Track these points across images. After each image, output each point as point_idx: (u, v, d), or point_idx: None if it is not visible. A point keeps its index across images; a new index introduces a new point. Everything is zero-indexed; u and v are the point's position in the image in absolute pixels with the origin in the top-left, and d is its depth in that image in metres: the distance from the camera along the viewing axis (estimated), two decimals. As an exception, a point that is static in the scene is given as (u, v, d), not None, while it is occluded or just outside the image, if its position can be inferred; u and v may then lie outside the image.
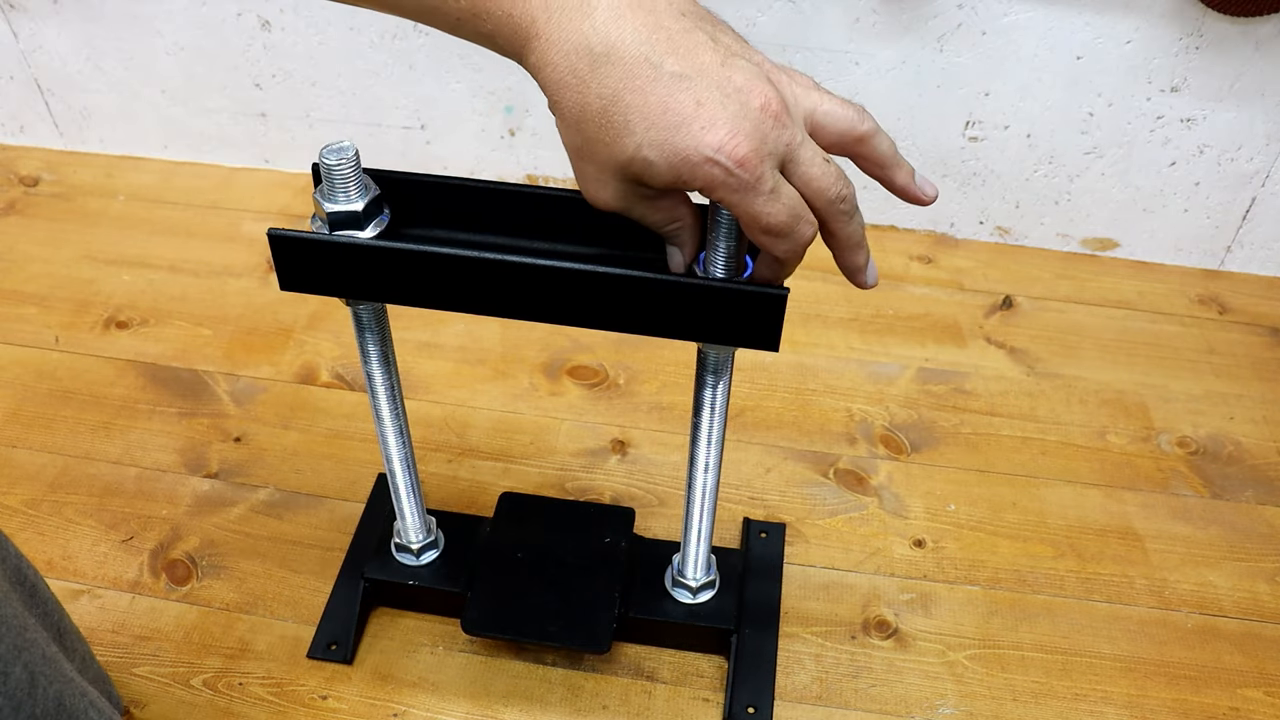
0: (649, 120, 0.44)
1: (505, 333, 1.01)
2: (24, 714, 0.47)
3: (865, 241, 0.52)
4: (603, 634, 0.71)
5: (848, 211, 0.49)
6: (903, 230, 1.14)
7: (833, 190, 0.48)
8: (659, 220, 0.51)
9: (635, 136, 0.45)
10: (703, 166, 0.45)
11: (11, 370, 0.97)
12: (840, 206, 0.49)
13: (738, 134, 0.44)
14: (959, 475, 0.89)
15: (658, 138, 0.44)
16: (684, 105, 0.44)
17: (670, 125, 0.44)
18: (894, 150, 0.52)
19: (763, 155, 0.45)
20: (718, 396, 0.62)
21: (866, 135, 0.50)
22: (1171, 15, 0.94)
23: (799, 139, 0.47)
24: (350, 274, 0.56)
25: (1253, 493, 0.88)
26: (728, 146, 0.44)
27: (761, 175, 0.45)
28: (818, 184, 0.48)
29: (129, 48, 1.13)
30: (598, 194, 0.49)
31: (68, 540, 0.83)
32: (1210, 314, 1.06)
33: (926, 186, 0.53)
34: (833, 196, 0.48)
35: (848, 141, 0.50)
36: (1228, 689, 0.75)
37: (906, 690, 0.74)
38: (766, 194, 0.46)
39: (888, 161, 0.52)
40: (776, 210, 0.46)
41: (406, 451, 0.70)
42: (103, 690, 0.63)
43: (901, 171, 0.52)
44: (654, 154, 0.45)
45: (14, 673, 0.47)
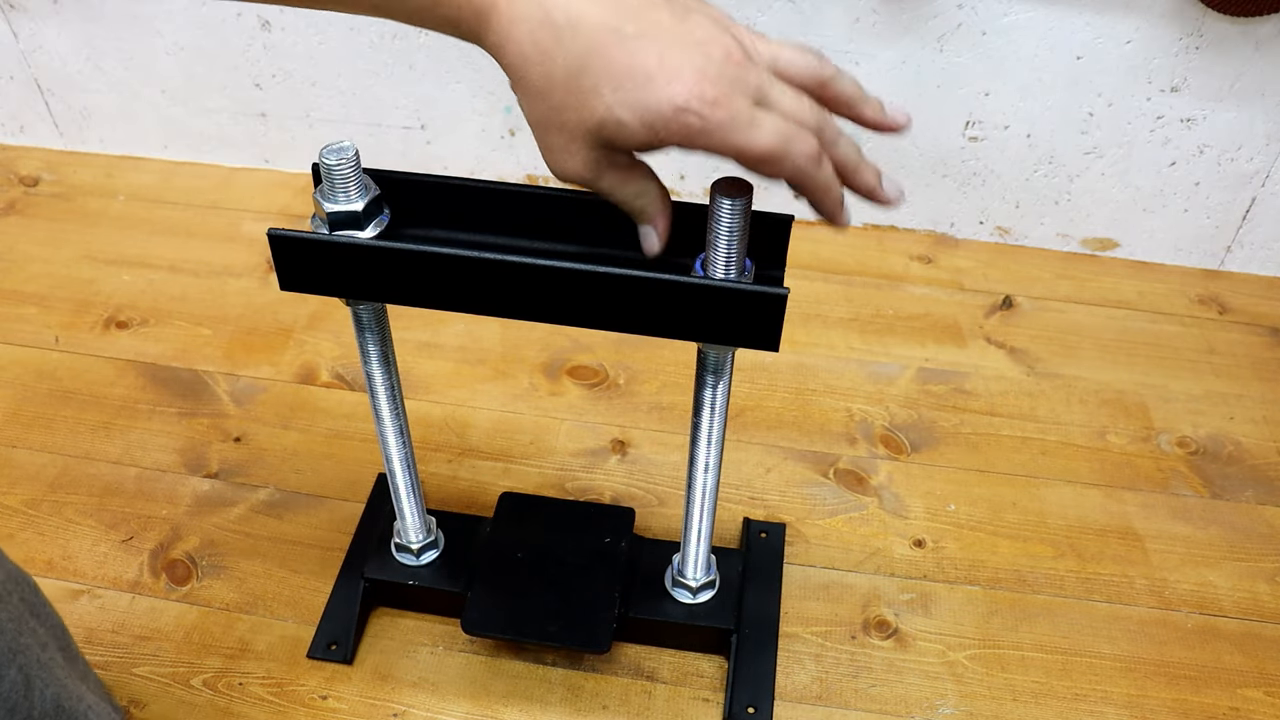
0: (616, 81, 0.45)
1: (505, 333, 1.01)
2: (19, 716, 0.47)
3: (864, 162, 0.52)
4: (603, 634, 0.71)
5: (830, 139, 0.50)
6: (903, 230, 1.14)
7: (811, 121, 0.49)
8: (628, 193, 0.51)
9: (604, 99, 0.45)
10: (676, 118, 0.45)
11: (11, 370, 0.97)
12: (824, 135, 0.49)
13: (704, 80, 0.45)
14: (959, 475, 0.89)
15: (627, 98, 0.45)
16: (648, 62, 0.45)
17: (638, 83, 0.45)
18: (859, 88, 0.52)
19: (734, 93, 0.46)
20: (718, 396, 0.62)
21: (830, 78, 0.51)
22: (1171, 15, 0.94)
23: (767, 80, 0.47)
24: (350, 274, 0.56)
25: (1253, 493, 0.88)
26: (696, 92, 0.45)
27: (736, 110, 0.45)
28: (798, 117, 0.48)
29: (129, 48, 1.13)
30: (566, 165, 0.49)
31: (68, 540, 0.83)
32: (1210, 314, 1.06)
33: (898, 115, 0.54)
34: (813, 127, 0.49)
35: (813, 86, 0.50)
36: (1228, 689, 0.75)
37: (906, 690, 0.74)
38: (748, 125, 0.46)
39: (855, 99, 0.52)
40: (764, 137, 0.46)
41: (406, 451, 0.70)
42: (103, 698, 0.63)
43: (869, 106, 0.53)
44: (625, 114, 0.45)
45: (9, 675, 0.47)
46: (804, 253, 1.11)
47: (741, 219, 0.52)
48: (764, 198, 1.18)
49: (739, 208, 0.51)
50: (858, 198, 0.54)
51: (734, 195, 0.51)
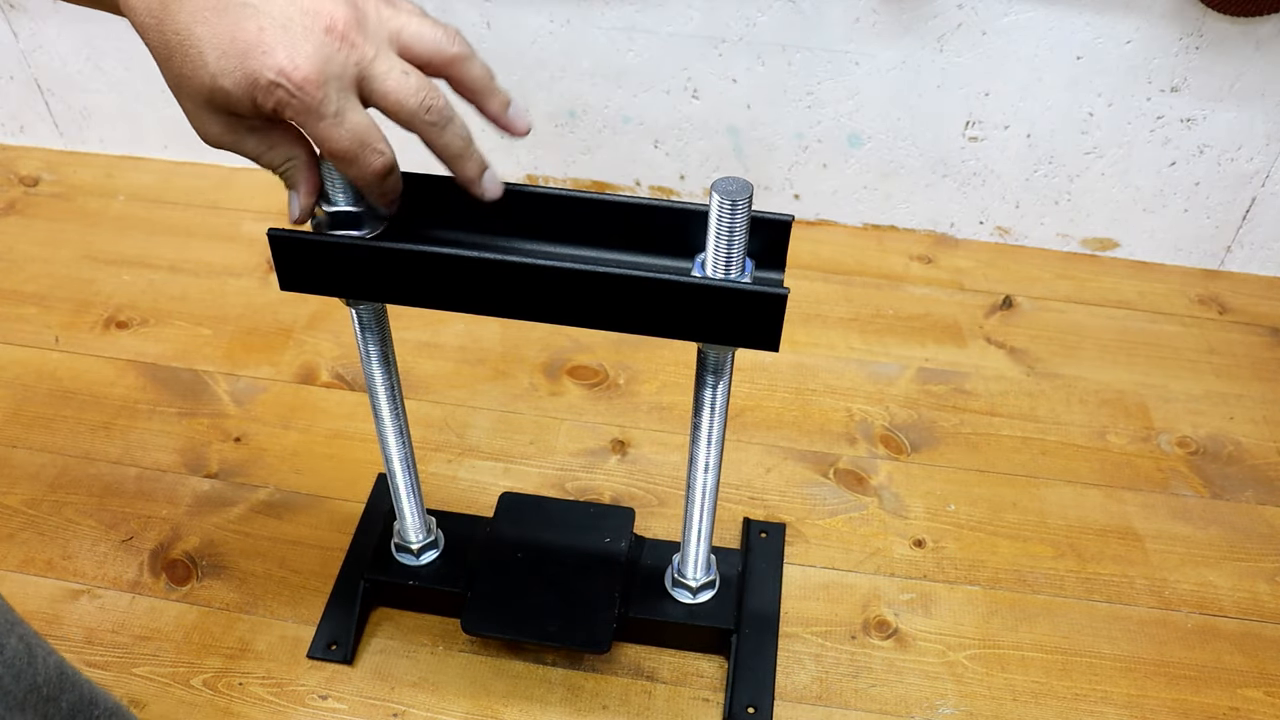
0: (219, 49, 0.46)
1: (505, 333, 1.01)
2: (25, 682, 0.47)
3: (471, 151, 0.52)
4: (603, 634, 0.71)
5: (435, 122, 0.50)
6: (903, 230, 1.14)
7: (413, 100, 0.48)
8: (274, 158, 0.51)
9: (210, 67, 0.46)
10: (270, 90, 0.46)
11: (11, 370, 0.97)
12: (426, 117, 0.49)
13: (296, 56, 0.45)
14: (959, 475, 0.89)
15: (229, 66, 0.46)
16: (248, 32, 0.45)
17: (238, 53, 0.45)
18: (488, 77, 0.52)
19: (326, 77, 0.46)
20: (718, 396, 0.62)
21: (456, 58, 0.51)
22: (1171, 15, 0.94)
23: (371, 55, 0.47)
24: (350, 274, 0.56)
25: (1253, 493, 0.88)
26: (287, 68, 0.45)
27: (324, 98, 0.46)
28: (396, 96, 0.48)
29: (129, 48, 1.13)
30: (203, 130, 0.50)
31: (68, 540, 0.83)
32: (1210, 314, 1.06)
33: (518, 119, 0.54)
34: (414, 106, 0.49)
35: (437, 63, 0.50)
36: (1228, 689, 0.75)
37: (906, 690, 0.74)
38: (330, 118, 0.47)
39: (480, 87, 0.52)
40: (340, 135, 0.47)
41: (406, 451, 0.70)
42: None
43: (494, 100, 0.53)
44: (228, 82, 0.46)
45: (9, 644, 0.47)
46: (804, 253, 1.11)
47: (741, 219, 0.52)
48: (764, 197, 1.18)
49: (739, 208, 0.51)
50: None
51: (734, 195, 0.51)
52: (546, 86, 1.08)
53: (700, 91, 1.06)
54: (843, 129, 1.07)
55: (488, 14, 1.04)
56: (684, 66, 1.05)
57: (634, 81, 1.07)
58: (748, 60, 1.03)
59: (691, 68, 1.05)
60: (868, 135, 1.07)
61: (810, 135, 1.08)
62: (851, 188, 1.11)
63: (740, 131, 1.09)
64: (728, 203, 0.51)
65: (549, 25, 1.04)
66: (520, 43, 1.06)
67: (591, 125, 1.11)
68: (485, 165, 0.53)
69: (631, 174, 1.15)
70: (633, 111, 1.09)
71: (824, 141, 1.08)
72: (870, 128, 1.06)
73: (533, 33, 1.05)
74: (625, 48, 1.04)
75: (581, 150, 1.13)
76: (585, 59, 1.06)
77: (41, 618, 0.77)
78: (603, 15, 1.03)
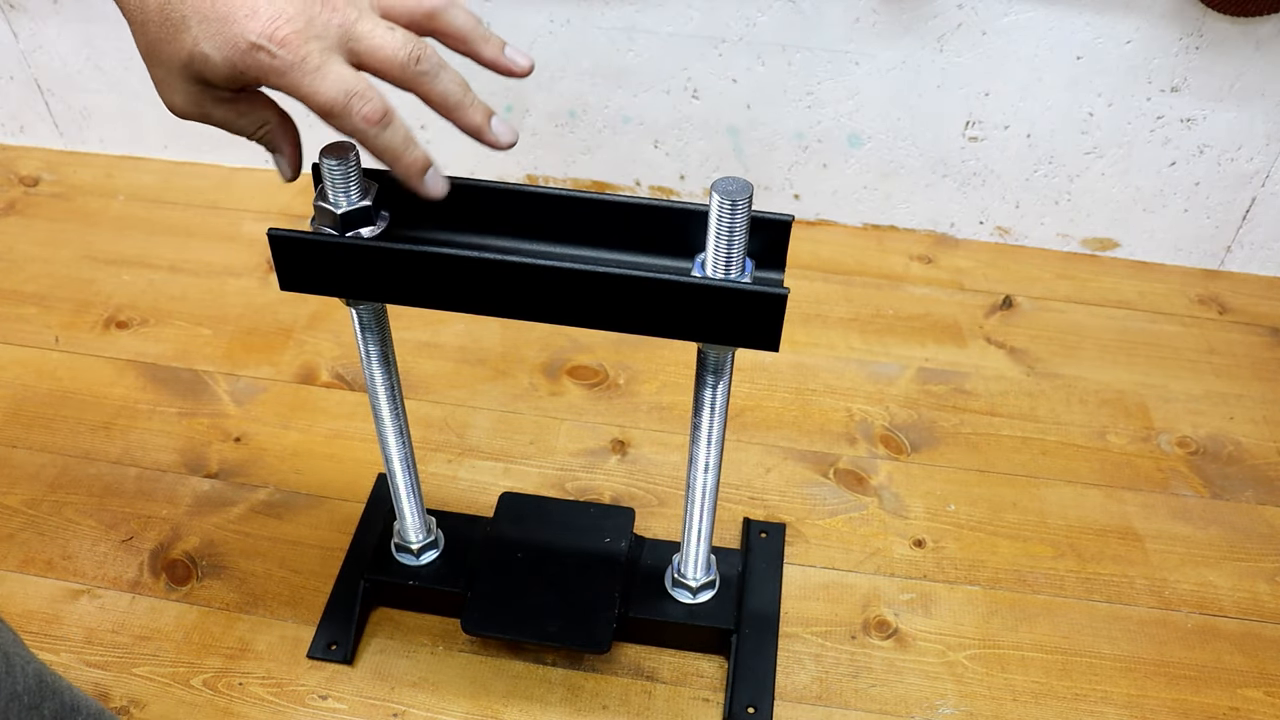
0: (201, 14, 0.46)
1: (505, 333, 1.01)
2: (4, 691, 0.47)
3: (471, 98, 0.51)
4: (603, 634, 0.71)
5: (426, 71, 0.49)
6: (903, 230, 1.14)
7: (401, 53, 0.48)
8: (245, 125, 0.51)
9: (191, 32, 0.46)
10: (250, 54, 0.46)
11: (11, 370, 0.97)
12: (417, 68, 0.49)
13: (278, 18, 0.45)
14: (959, 475, 0.89)
15: (210, 30, 0.46)
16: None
17: (219, 17, 0.46)
18: (474, 23, 0.52)
19: (308, 36, 0.46)
20: (718, 396, 0.62)
21: (437, 9, 0.50)
22: (1171, 15, 0.94)
23: (354, 17, 0.47)
24: (350, 274, 0.56)
25: (1253, 493, 0.88)
26: (268, 30, 0.45)
27: (306, 54, 0.46)
28: (384, 51, 0.48)
29: (129, 48, 1.13)
30: (171, 99, 0.50)
31: (68, 540, 0.83)
32: (1210, 314, 1.06)
33: (518, 57, 0.53)
34: (403, 59, 0.48)
35: (419, 18, 0.50)
36: (1228, 689, 0.75)
37: (906, 690, 0.74)
38: (314, 71, 0.46)
39: (468, 34, 0.52)
40: (326, 87, 0.47)
41: (406, 451, 0.70)
42: None
43: (488, 45, 0.52)
44: (209, 47, 0.46)
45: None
46: (804, 253, 1.11)
47: (741, 219, 0.52)
48: (764, 197, 1.18)
49: (739, 208, 0.51)
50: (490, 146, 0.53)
51: (734, 195, 0.51)
52: (546, 86, 1.08)
53: (700, 91, 1.06)
54: (843, 129, 1.07)
55: (488, 14, 1.04)
56: (684, 66, 1.05)
57: (634, 81, 1.07)
58: (748, 60, 1.03)
59: (691, 68, 1.05)
60: (868, 135, 1.07)
61: (810, 135, 1.08)
62: (851, 188, 1.11)
63: (740, 131, 1.09)
64: (728, 203, 0.51)
65: (549, 25, 1.04)
66: (520, 43, 1.06)
67: (591, 125, 1.11)
68: (491, 111, 0.52)
69: (631, 174, 1.15)
70: (633, 111, 1.09)
71: (824, 141, 1.08)
72: (870, 128, 1.06)
73: (533, 33, 1.05)
74: (625, 48, 1.04)
75: (581, 150, 1.13)
76: (585, 59, 1.06)
77: (41, 618, 0.77)
78: (603, 15, 1.03)
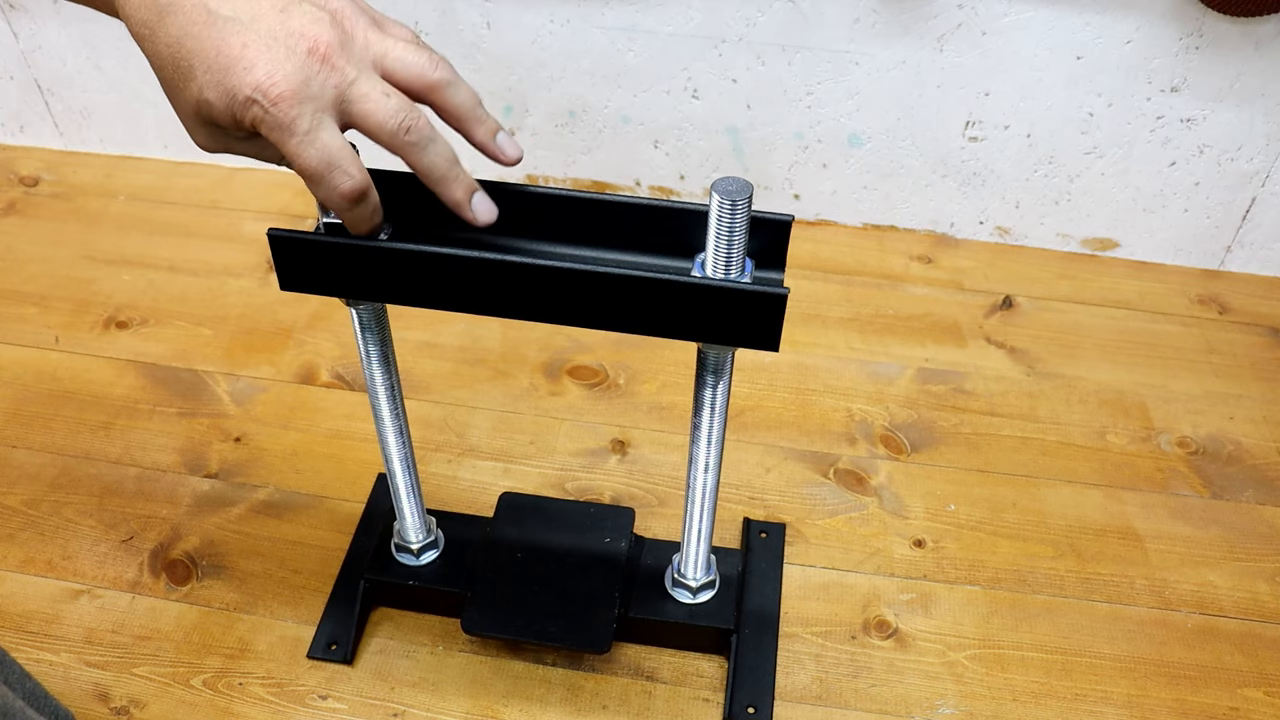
0: (206, 63, 0.46)
1: (505, 333, 1.01)
2: None
3: (456, 173, 0.52)
4: (603, 634, 0.71)
5: (415, 142, 0.50)
6: (903, 230, 1.14)
7: (393, 121, 0.49)
8: (270, 158, 0.52)
9: (197, 80, 0.47)
10: (246, 106, 0.46)
11: (11, 370, 0.97)
12: (406, 138, 0.49)
13: (275, 75, 0.46)
14: (959, 475, 0.89)
15: (212, 80, 0.46)
16: (233, 47, 0.46)
17: (221, 67, 0.46)
18: (474, 103, 0.52)
19: (302, 97, 0.46)
20: (718, 396, 0.62)
21: (439, 84, 0.51)
22: (1171, 15, 0.94)
23: (352, 77, 0.48)
24: (350, 274, 0.56)
25: (1253, 493, 0.88)
26: (264, 85, 0.46)
27: (297, 117, 0.47)
28: (376, 118, 0.48)
29: (129, 48, 1.13)
30: (195, 138, 0.51)
31: (68, 540, 0.83)
32: (1210, 314, 1.06)
33: (508, 146, 0.54)
34: (394, 128, 0.49)
35: (420, 89, 0.51)
36: (1228, 689, 0.75)
37: (906, 690, 0.74)
38: (301, 135, 0.47)
39: (465, 114, 0.52)
40: (309, 155, 0.48)
41: (406, 451, 0.70)
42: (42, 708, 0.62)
43: (481, 127, 0.53)
44: (212, 95, 0.47)
45: None
46: (804, 253, 1.11)
47: (741, 219, 0.52)
48: (764, 197, 1.18)
49: (739, 208, 0.51)
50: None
51: (734, 195, 0.51)
52: (546, 86, 1.08)
53: (700, 91, 1.06)
54: (843, 129, 1.07)
55: (488, 14, 1.04)
56: (684, 66, 1.05)
57: (634, 81, 1.07)
58: (748, 60, 1.03)
59: (691, 68, 1.05)
60: (868, 135, 1.07)
61: (810, 135, 1.08)
62: (851, 188, 1.11)
63: (740, 131, 1.09)
64: (728, 203, 0.51)
65: (549, 25, 1.04)
66: (520, 43, 1.06)
67: (591, 125, 1.11)
68: (474, 187, 0.53)
69: (631, 174, 1.15)
70: (633, 111, 1.09)
71: (824, 141, 1.08)
72: (870, 128, 1.06)
73: (533, 33, 1.05)
74: (625, 48, 1.04)
75: (581, 150, 1.13)
76: (585, 59, 1.06)
77: (41, 618, 0.77)
78: (603, 15, 1.03)
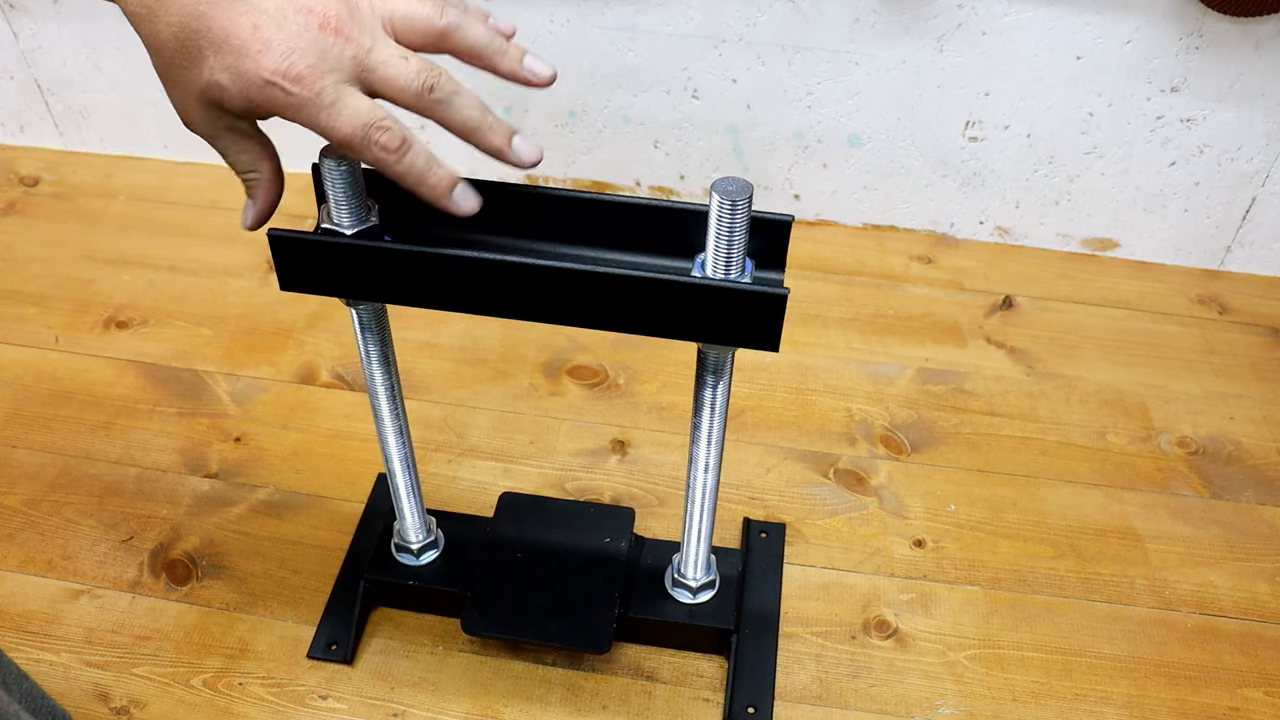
0: (216, 46, 0.46)
1: (505, 333, 1.01)
2: None
3: (490, 121, 0.51)
4: (603, 634, 0.71)
5: (442, 99, 0.49)
6: (903, 230, 1.14)
7: (416, 82, 0.48)
8: (239, 163, 0.51)
9: (208, 63, 0.46)
10: (264, 89, 0.46)
11: (11, 370, 0.97)
12: (432, 96, 0.49)
13: (292, 54, 0.45)
14: (959, 475, 0.89)
15: (225, 63, 0.46)
16: (242, 29, 0.45)
17: (234, 50, 0.45)
18: (490, 37, 0.51)
19: (321, 71, 0.46)
20: (718, 396, 0.62)
21: (449, 28, 0.50)
22: (1171, 15, 0.94)
23: (368, 45, 0.47)
24: (350, 274, 0.56)
25: (1253, 493, 0.88)
26: (282, 66, 0.45)
27: (321, 90, 0.46)
28: (399, 81, 0.48)
29: (129, 48, 1.13)
30: (187, 119, 0.50)
31: (68, 540, 0.83)
32: (1210, 314, 1.06)
33: (538, 66, 0.53)
34: (418, 88, 0.48)
35: (432, 38, 0.50)
36: (1228, 689, 0.75)
37: (906, 690, 0.74)
38: (328, 107, 0.46)
39: (483, 48, 0.51)
40: (343, 122, 0.47)
41: (406, 451, 0.70)
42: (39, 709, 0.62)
43: (505, 58, 0.52)
44: (225, 79, 0.46)
45: None
46: (804, 253, 1.11)
47: (741, 219, 0.52)
48: (764, 197, 1.18)
49: (739, 208, 0.51)
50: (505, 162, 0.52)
51: (734, 195, 0.51)
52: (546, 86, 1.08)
53: (700, 91, 1.06)
54: (843, 129, 1.07)
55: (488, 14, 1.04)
56: (684, 66, 1.05)
57: (634, 81, 1.07)
58: (748, 60, 1.03)
59: (691, 68, 1.05)
60: (868, 135, 1.07)
61: (810, 135, 1.08)
62: (851, 188, 1.11)
63: (740, 131, 1.09)
64: (728, 203, 0.51)
65: (549, 25, 1.04)
66: (520, 43, 1.05)
67: (591, 125, 1.11)
68: (512, 130, 0.52)
69: (631, 174, 1.15)
70: (633, 111, 1.09)
71: (824, 141, 1.08)
72: (870, 128, 1.06)
73: (533, 33, 1.05)
74: (625, 48, 1.04)
75: (581, 150, 1.13)
76: (585, 59, 1.06)
77: (41, 618, 0.77)
78: (603, 15, 1.03)
